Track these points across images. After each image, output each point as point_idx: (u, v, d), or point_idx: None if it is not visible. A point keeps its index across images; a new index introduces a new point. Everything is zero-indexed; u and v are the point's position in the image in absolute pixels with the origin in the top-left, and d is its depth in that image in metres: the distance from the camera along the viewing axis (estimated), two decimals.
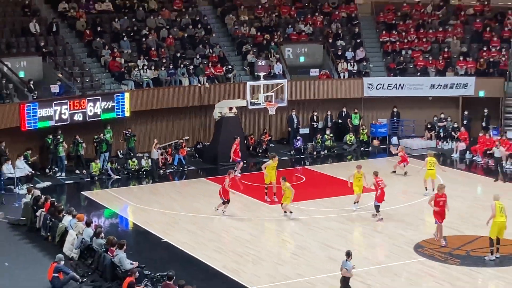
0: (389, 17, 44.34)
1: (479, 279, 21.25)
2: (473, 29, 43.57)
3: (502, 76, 40.35)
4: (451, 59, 41.69)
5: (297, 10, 44.22)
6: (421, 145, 38.78)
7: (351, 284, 18.11)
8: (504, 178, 32.10)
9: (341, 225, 25.74)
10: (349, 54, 41.72)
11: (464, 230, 25.31)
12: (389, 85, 40.35)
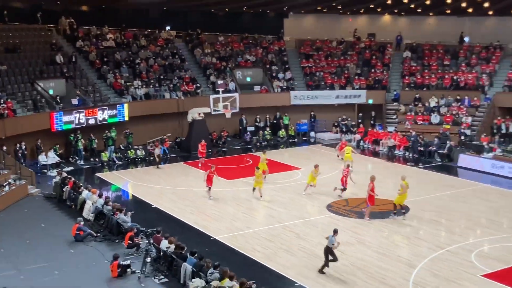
0: (307, 49, 44.49)
1: (370, 228, 21.50)
2: (364, 57, 43.95)
3: (384, 89, 40.86)
4: (349, 78, 42.00)
5: (244, 45, 44.10)
6: (330, 137, 39.02)
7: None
8: (391, 160, 32.61)
9: (277, 193, 25.81)
10: (280, 75, 41.75)
11: (360, 194, 25.54)
12: (308, 96, 40.49)
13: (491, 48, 41.89)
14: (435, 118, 37.42)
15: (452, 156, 32.23)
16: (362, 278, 16.92)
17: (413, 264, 17.89)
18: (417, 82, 40.82)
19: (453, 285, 16.43)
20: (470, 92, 38.78)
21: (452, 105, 38.21)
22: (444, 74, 40.96)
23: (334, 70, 42.86)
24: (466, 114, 37.04)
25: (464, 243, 19.62)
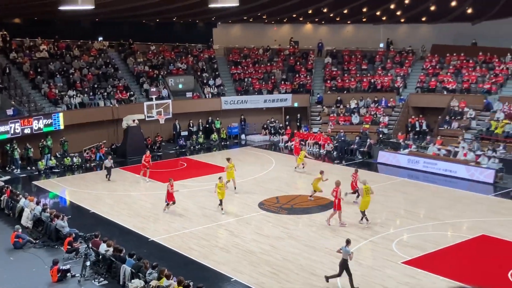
0: (235, 57, 44.62)
1: (299, 223, 21.76)
2: (289, 63, 44.49)
3: (308, 93, 41.49)
4: (276, 83, 42.42)
5: (175, 54, 43.77)
6: (260, 139, 39.29)
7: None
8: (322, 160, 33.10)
9: (211, 193, 25.70)
10: (211, 82, 41.67)
11: (289, 191, 25.86)
12: (238, 101, 40.60)
13: (404, 53, 43.30)
14: (356, 118, 38.31)
15: (372, 153, 33.08)
16: (293, 271, 17.11)
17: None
18: (338, 86, 41.69)
19: (376, 272, 16.85)
20: (386, 93, 39.93)
21: (370, 106, 39.24)
22: (363, 77, 42.00)
23: (262, 76, 43.19)
24: (383, 114, 38.12)
25: (386, 233, 20.16)
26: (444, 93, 37.91)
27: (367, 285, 16.00)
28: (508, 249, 18.76)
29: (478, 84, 37.39)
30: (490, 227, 20.72)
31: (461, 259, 18.10)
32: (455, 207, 23.25)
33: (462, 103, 36.15)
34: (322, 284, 16.11)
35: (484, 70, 38.38)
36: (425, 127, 36.48)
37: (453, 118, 35.42)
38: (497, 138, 31.88)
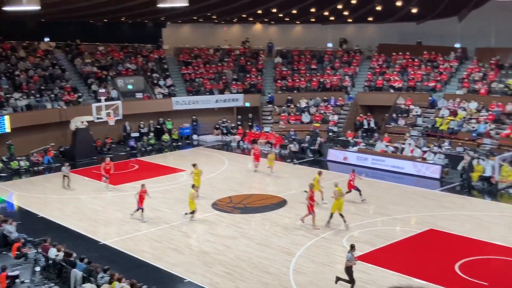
0: (186, 57, 44.36)
1: (252, 222, 21.83)
2: (240, 63, 44.54)
3: (259, 93, 41.64)
4: (227, 83, 42.40)
5: (124, 54, 43.15)
6: (212, 139, 39.20)
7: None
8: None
9: (163, 195, 25.54)
10: (162, 82, 41.30)
11: (242, 191, 25.90)
12: (189, 101, 40.35)
13: (351, 53, 43.98)
14: (306, 117, 38.69)
15: (322, 151, 33.46)
16: (247, 269, 17.15)
17: (292, 252, 18.38)
18: (288, 85, 42.00)
19: (328, 268, 17.06)
20: (335, 92, 40.47)
21: (320, 105, 39.69)
22: (312, 77, 42.45)
23: (213, 76, 43.09)
24: (333, 113, 38.63)
25: (337, 230, 20.44)
26: (390, 91, 38.70)
27: (319, 281, 16.19)
28: (454, 242, 19.31)
29: (423, 82, 38.33)
30: (438, 221, 21.28)
31: (410, 253, 18.52)
32: (404, 203, 23.76)
33: (408, 101, 36.99)
34: (275, 282, 16.21)
35: (429, 69, 39.38)
36: (373, 125, 37.17)
37: (400, 115, 36.20)
38: (442, 135, 32.76)
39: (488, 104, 33.66)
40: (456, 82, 37.58)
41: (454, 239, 19.56)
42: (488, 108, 33.41)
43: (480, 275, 16.29)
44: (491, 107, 33.33)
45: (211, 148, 36.85)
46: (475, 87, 35.88)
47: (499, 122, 32.27)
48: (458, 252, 18.34)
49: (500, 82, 35.39)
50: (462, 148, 30.17)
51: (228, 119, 40.68)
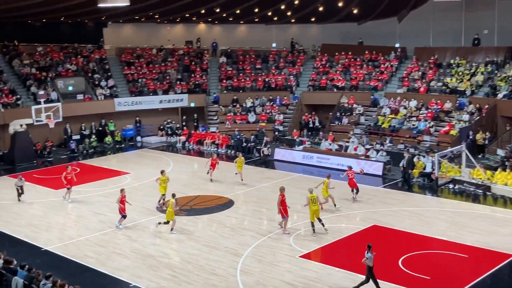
0: (128, 57, 43.71)
1: (199, 223, 21.73)
2: (184, 63, 44.26)
3: (204, 93, 41.51)
4: (171, 83, 42.05)
5: (64, 54, 42.15)
6: (156, 140, 38.85)
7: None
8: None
9: (107, 198, 25.08)
10: (103, 83, 40.56)
11: (188, 192, 25.74)
12: (132, 102, 39.82)
13: (295, 52, 44.41)
14: (252, 117, 38.82)
15: (269, 151, 33.63)
16: (194, 272, 17.05)
17: (239, 253, 18.39)
18: (233, 85, 42.04)
19: (275, 268, 17.16)
20: (280, 92, 40.77)
21: (265, 104, 39.90)
22: (257, 77, 42.63)
23: (156, 76, 42.63)
24: (278, 112, 38.92)
25: (283, 229, 20.55)
26: (334, 90, 39.30)
27: (267, 281, 16.26)
28: (397, 238, 19.77)
29: (366, 82, 39.12)
30: (381, 217, 21.74)
31: (355, 249, 18.83)
32: (348, 200, 24.14)
33: (351, 100, 37.66)
34: (223, 284, 16.18)
35: (370, 68, 40.20)
36: (317, 124, 37.66)
37: (343, 114, 36.81)
38: (384, 132, 33.51)
39: (428, 102, 34.64)
40: (396, 81, 38.51)
41: (397, 234, 20.03)
42: (428, 106, 34.38)
43: (422, 269, 16.74)
44: (430, 105, 34.32)
45: (156, 149, 36.46)
46: (414, 85, 36.86)
47: (438, 120, 33.27)
48: (401, 247, 18.78)
49: (439, 81, 36.49)
50: (403, 145, 30.94)
51: (172, 119, 40.35)
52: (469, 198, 24.18)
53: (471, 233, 19.76)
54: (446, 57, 38.31)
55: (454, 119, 32.62)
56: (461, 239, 19.17)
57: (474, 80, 34.96)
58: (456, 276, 16.51)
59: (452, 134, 31.20)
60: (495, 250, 18.07)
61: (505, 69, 34.85)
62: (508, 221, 21.11)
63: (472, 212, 22.18)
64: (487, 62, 35.79)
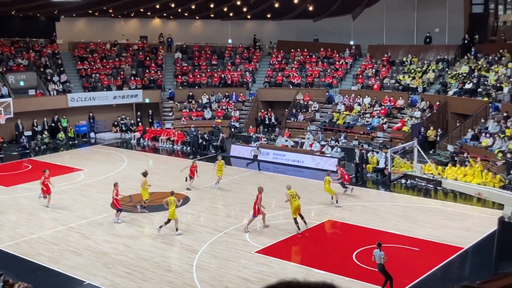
0: (81, 52, 42.96)
1: (154, 220, 21.61)
2: (138, 59, 43.79)
3: (159, 89, 41.20)
4: (125, 79, 41.56)
5: (15, 49, 41.13)
6: (111, 136, 38.37)
7: None
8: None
9: (60, 196, 24.65)
10: (56, 78, 39.77)
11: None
12: (86, 98, 39.18)
13: (251, 49, 44.52)
14: (208, 113, 38.76)
15: (225, 147, 33.67)
16: (149, 269, 16.96)
17: (195, 249, 18.39)
18: (189, 81, 41.86)
19: (231, 263, 17.24)
20: (236, 88, 40.83)
21: (221, 101, 39.89)
22: (213, 73, 42.57)
23: (110, 71, 42.06)
24: (235, 109, 38.97)
25: (239, 224, 20.66)
26: (290, 87, 39.60)
27: (223, 277, 16.32)
28: (351, 232, 20.12)
29: (321, 78, 39.55)
30: (335, 212, 22.07)
31: (310, 244, 19.09)
32: (303, 195, 24.36)
33: (306, 97, 38.03)
34: (178, 280, 16.16)
35: (325, 65, 40.66)
36: (274, 120, 37.89)
37: (299, 111, 37.15)
38: (339, 129, 33.98)
39: (381, 99, 35.30)
40: (351, 78, 39.09)
41: (351, 229, 20.38)
42: (381, 103, 35.03)
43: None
44: (384, 101, 34.98)
45: (110, 146, 36.01)
46: (368, 83, 37.49)
47: (391, 116, 33.94)
48: (355, 241, 19.12)
49: (392, 78, 37.21)
50: (357, 141, 31.45)
51: (127, 115, 39.91)
52: (421, 193, 24.80)
53: (423, 227, 20.28)
54: (399, 55, 39.11)
55: (406, 116, 33.34)
56: (413, 233, 19.66)
57: (425, 78, 35.82)
58: (408, 269, 16.94)
59: (405, 130, 31.89)
60: (446, 243, 18.60)
61: (455, 67, 35.82)
62: (458, 215, 21.75)
63: (424, 206, 22.76)
64: (438, 60, 36.72)
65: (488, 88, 32.17)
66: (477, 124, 30.10)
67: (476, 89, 32.59)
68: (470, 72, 34.22)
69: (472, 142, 28.71)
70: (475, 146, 28.29)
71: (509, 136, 27.06)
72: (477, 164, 25.41)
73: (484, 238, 18.99)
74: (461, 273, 17.20)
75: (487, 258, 16.97)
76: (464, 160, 26.56)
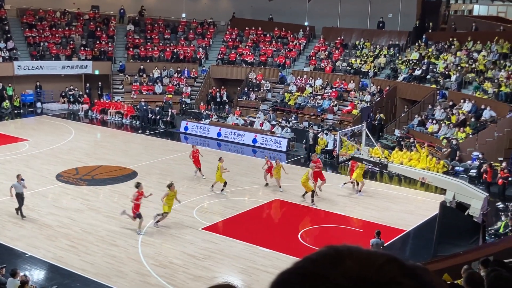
0: (30, 19, 41.50)
1: (100, 194, 21.29)
2: (89, 29, 42.69)
3: (110, 61, 40.35)
4: (75, 49, 40.47)
5: None
6: (57, 107, 37.46)
7: None
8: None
9: (3, 165, 23.96)
10: (2, 45, 38.33)
11: (89, 162, 25.06)
12: (33, 67, 38.01)
13: (205, 25, 44.04)
14: (159, 88, 38.25)
15: (175, 123, 33.37)
16: (93, 242, 16.73)
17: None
18: (141, 54, 41.13)
19: (177, 240, 17.19)
20: (189, 64, 40.40)
21: (173, 76, 39.42)
22: (166, 47, 41.95)
23: (59, 40, 40.85)
24: (186, 85, 38.59)
25: (187, 201, 20.54)
26: (243, 65, 39.45)
27: (168, 252, 16.27)
28: (297, 212, 20.35)
29: (274, 58, 39.54)
30: (283, 192, 22.23)
31: (257, 223, 19.22)
32: (252, 174, 24.50)
33: (259, 76, 37.99)
34: (123, 255, 16.01)
35: (279, 45, 40.65)
36: (225, 98, 37.73)
37: (251, 89, 37.10)
38: (290, 110, 34.15)
39: (333, 81, 35.62)
40: (304, 59, 39.23)
41: (297, 208, 20.60)
42: (332, 85, 35.36)
43: (320, 242, 17.36)
44: (335, 84, 35.31)
45: (57, 117, 35.16)
46: (321, 65, 37.73)
47: (341, 99, 34.32)
48: (301, 221, 19.36)
49: (344, 61, 37.56)
50: (307, 122, 31.71)
51: (75, 86, 38.96)
52: (367, 176, 25.23)
53: (367, 209, 20.69)
54: (352, 38, 39.45)
55: (357, 99, 33.78)
56: (357, 214, 20.04)
57: (377, 62, 36.30)
58: None
59: (354, 114, 32.32)
60: (389, 226, 19.05)
61: (406, 53, 36.43)
62: (401, 198, 22.30)
63: (369, 189, 23.18)
64: (390, 45, 37.24)
65: (436, 75, 32.89)
66: (424, 110, 30.79)
67: (425, 76, 33.28)
68: (420, 58, 34.88)
69: (418, 127, 29.37)
70: (421, 131, 28.96)
71: (454, 123, 27.80)
72: (423, 150, 26.04)
73: (425, 221, 19.54)
74: (403, 255, 17.66)
75: (428, 241, 17.48)
76: (410, 144, 27.16)
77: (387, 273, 1.22)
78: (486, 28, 36.37)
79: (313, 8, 41.21)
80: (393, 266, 1.23)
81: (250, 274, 15.12)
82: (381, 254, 1.26)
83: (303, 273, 1.26)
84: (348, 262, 1.25)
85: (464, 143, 26.06)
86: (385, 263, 1.23)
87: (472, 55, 33.10)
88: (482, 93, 29.52)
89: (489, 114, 27.26)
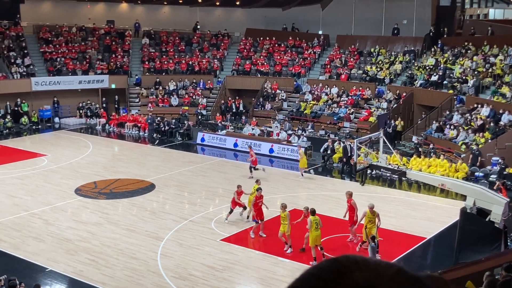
0: (46, 35, 42.05)
1: (119, 207, 21.39)
2: (105, 43, 43.11)
3: (126, 74, 40.67)
4: (91, 63, 40.87)
5: None
6: (75, 122, 37.79)
7: None
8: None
9: (22, 181, 24.20)
10: (19, 61, 38.89)
11: (107, 176, 25.21)
12: (50, 82, 38.47)
13: (220, 36, 44.25)
14: (175, 100, 38.45)
15: (192, 135, 33.49)
16: (113, 256, 16.79)
17: (160, 236, 18.27)
18: (156, 67, 41.43)
19: (196, 251, 17.19)
20: (204, 76, 40.58)
21: (189, 88, 39.61)
22: (181, 59, 42.20)
23: (76, 55, 41.31)
24: (202, 96, 38.75)
25: (205, 212, 20.61)
26: (258, 75, 39.53)
27: (187, 264, 16.27)
28: None
29: (289, 68, 39.59)
30: (301, 201, 22.17)
31: (274, 233, 19.12)
32: (269, 184, 24.45)
33: (274, 86, 38.04)
34: (142, 267, 16.05)
35: (294, 54, 40.71)
36: (241, 108, 37.81)
37: (267, 99, 37.14)
38: (306, 118, 34.11)
39: (348, 89, 35.54)
40: (319, 67, 39.22)
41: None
42: (348, 93, 35.27)
43: (340, 251, 17.24)
44: (351, 92, 35.22)
45: (74, 131, 35.47)
46: (336, 72, 37.68)
47: (358, 107, 34.21)
48: (320, 230, 19.21)
49: (359, 69, 37.48)
50: (324, 131, 31.63)
51: (92, 101, 39.33)
52: (386, 183, 25.09)
53: (386, 217, 20.49)
54: (367, 46, 39.38)
55: (373, 106, 33.65)
56: None
57: (392, 69, 36.17)
58: None
59: (371, 121, 32.18)
60: (409, 233, 18.88)
61: (422, 59, 36.26)
62: (421, 205, 22.09)
63: (388, 196, 23.04)
64: (405, 52, 37.10)
65: (453, 80, 32.67)
66: (442, 116, 30.57)
67: (441, 82, 33.07)
68: (436, 64, 34.69)
69: (436, 133, 29.15)
70: (439, 137, 28.74)
71: (473, 129, 27.55)
72: (442, 159, 25.79)
73: (446, 228, 19.34)
74: (423, 263, 17.49)
75: (449, 248, 17.28)
76: (429, 151, 26.95)
77: (400, 285, 1.20)
78: (502, 32, 36.11)
79: (327, 17, 41.24)
80: (404, 277, 1.22)
81: (269, 285, 15.06)
82: (388, 264, 1.25)
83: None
84: (356, 274, 1.22)
85: (483, 148, 25.80)
86: (396, 275, 1.22)
87: (489, 59, 32.84)
88: (500, 97, 29.24)
89: (507, 118, 27.00)
